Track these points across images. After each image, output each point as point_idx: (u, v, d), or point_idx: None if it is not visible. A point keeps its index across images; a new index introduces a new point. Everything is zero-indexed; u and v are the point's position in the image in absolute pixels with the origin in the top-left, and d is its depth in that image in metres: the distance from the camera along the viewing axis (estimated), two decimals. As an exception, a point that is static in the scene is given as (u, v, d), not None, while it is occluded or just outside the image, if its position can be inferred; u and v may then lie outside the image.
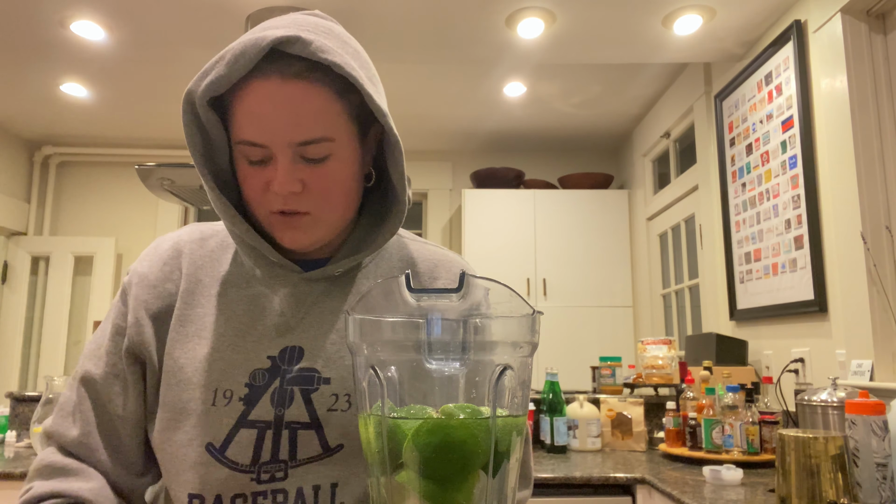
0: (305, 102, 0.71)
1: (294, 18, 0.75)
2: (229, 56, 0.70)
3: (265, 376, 0.77)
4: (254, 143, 0.73)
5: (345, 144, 0.76)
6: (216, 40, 2.88)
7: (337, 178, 0.76)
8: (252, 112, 0.72)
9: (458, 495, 0.53)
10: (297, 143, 0.72)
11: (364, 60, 0.78)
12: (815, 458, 1.39)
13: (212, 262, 0.85)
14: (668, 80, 3.68)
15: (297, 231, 0.77)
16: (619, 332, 4.19)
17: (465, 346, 0.52)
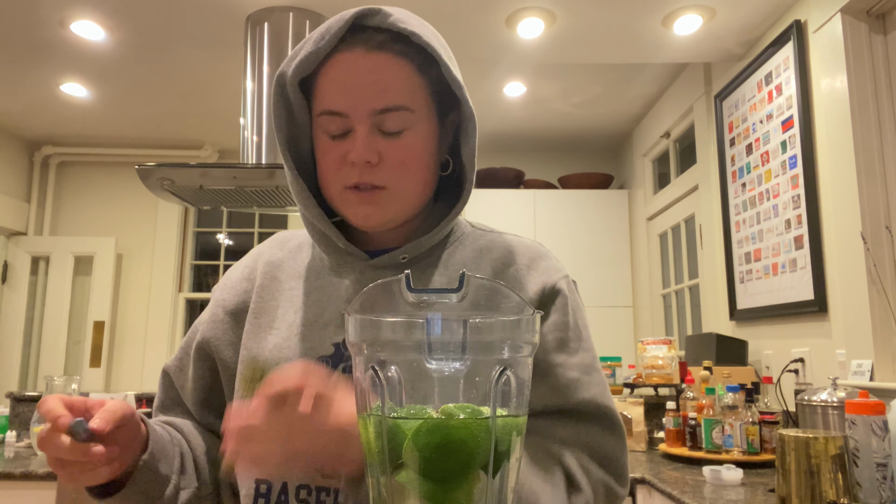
0: (387, 71, 0.74)
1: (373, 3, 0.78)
2: (316, 35, 0.74)
3: (329, 363, 0.78)
4: (335, 112, 0.75)
5: (423, 118, 0.77)
6: (216, 40, 2.88)
7: (414, 151, 0.76)
8: (336, 80, 0.74)
9: (458, 495, 0.53)
10: (377, 111, 0.74)
11: (442, 41, 0.79)
12: (815, 458, 1.39)
13: (289, 261, 0.88)
14: (668, 80, 3.68)
15: (371, 206, 0.77)
16: (619, 332, 4.19)
17: (464, 346, 0.52)
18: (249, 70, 2.67)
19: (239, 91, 3.80)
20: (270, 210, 2.93)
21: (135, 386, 4.58)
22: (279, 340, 0.81)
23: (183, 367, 0.88)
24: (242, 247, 5.03)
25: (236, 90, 3.78)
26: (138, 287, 4.74)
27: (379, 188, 0.76)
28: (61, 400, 0.64)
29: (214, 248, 5.04)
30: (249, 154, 2.62)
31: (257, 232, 4.99)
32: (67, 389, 2.45)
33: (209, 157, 4.74)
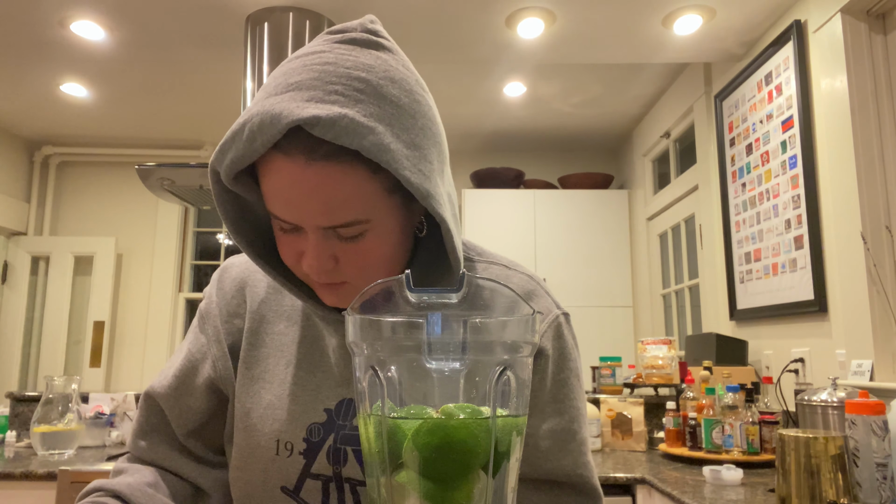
0: (334, 188, 0.63)
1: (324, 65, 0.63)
2: (247, 132, 0.62)
3: (321, 431, 0.77)
4: (282, 219, 0.67)
5: (383, 220, 0.67)
6: (216, 40, 2.88)
7: (374, 253, 0.69)
8: (278, 194, 0.64)
9: (458, 495, 0.53)
10: (326, 228, 0.66)
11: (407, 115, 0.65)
12: (815, 458, 1.39)
13: (273, 294, 0.83)
14: (668, 80, 3.68)
15: (336, 296, 0.72)
16: (619, 332, 4.19)
17: (464, 346, 0.52)
18: (249, 70, 2.67)
19: (239, 91, 3.80)
20: (270, 210, 2.93)
21: (135, 386, 4.58)
22: (272, 398, 0.79)
23: (180, 395, 0.82)
24: (242, 247, 5.02)
25: (236, 90, 3.78)
26: (138, 287, 4.74)
27: (341, 283, 0.71)
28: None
29: (214, 248, 5.04)
30: (249, 154, 2.62)
31: (257, 232, 4.98)
32: (67, 389, 2.45)
33: (209, 157, 4.74)
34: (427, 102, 0.68)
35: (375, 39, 0.67)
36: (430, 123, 0.68)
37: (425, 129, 0.66)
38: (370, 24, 0.68)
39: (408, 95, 0.65)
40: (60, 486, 2.00)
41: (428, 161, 0.66)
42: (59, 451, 2.35)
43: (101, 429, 2.58)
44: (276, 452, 0.77)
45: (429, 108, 0.68)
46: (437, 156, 0.68)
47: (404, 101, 0.64)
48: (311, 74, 0.63)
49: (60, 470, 2.02)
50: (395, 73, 0.65)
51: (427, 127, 0.67)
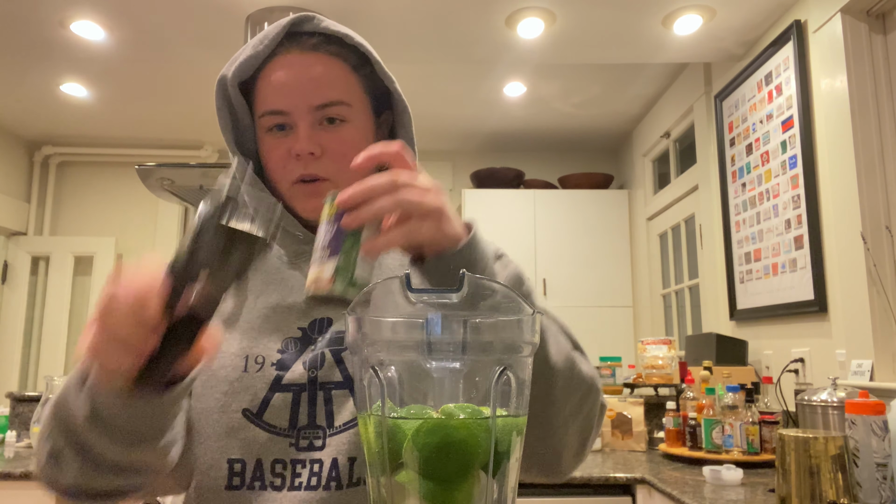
0: (323, 70, 0.79)
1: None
2: (255, 40, 0.80)
3: (297, 344, 0.80)
4: (277, 111, 0.79)
5: (360, 112, 0.81)
6: (216, 40, 2.88)
7: (353, 142, 0.80)
8: (276, 81, 0.79)
9: (458, 495, 0.53)
10: (316, 107, 0.78)
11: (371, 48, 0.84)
12: (815, 458, 1.39)
13: None
14: (668, 80, 3.68)
15: (317, 198, 0.75)
16: (619, 332, 4.19)
17: (465, 346, 0.52)
18: (249, 70, 2.67)
19: (239, 91, 3.79)
20: (270, 210, 2.92)
21: (135, 386, 4.57)
22: (242, 324, 0.82)
23: None
24: (242, 247, 5.03)
25: (236, 90, 3.78)
26: (138, 287, 4.73)
27: (323, 179, 0.80)
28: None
29: (214, 248, 5.03)
30: (249, 154, 2.62)
31: (257, 232, 4.98)
32: (67, 389, 2.45)
33: (209, 157, 4.74)
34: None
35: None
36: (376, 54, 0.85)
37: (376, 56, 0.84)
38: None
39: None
40: (60, 486, 2.00)
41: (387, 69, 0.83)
42: (59, 451, 2.34)
43: (101, 429, 2.57)
44: (245, 369, 0.78)
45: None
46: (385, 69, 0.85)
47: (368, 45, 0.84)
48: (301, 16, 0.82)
49: (60, 470, 2.02)
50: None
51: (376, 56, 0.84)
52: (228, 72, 0.81)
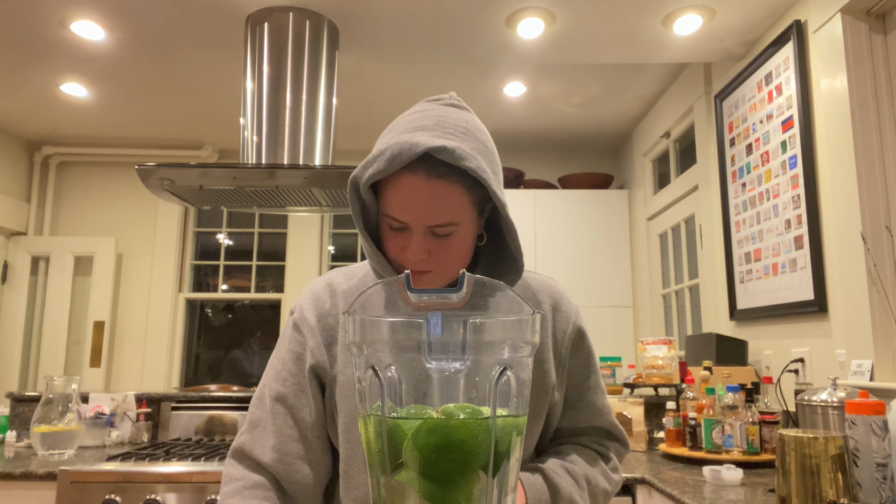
0: (443, 197, 0.88)
1: (437, 117, 0.90)
2: (388, 154, 0.86)
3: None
4: (397, 220, 0.91)
5: (467, 224, 0.92)
6: (216, 40, 2.88)
7: (457, 248, 0.93)
8: (400, 199, 0.89)
9: (458, 495, 0.53)
10: (429, 226, 0.90)
11: (491, 154, 0.93)
12: (815, 458, 1.39)
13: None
14: (668, 80, 3.67)
15: (421, 282, 0.95)
16: (619, 332, 4.19)
17: (464, 346, 0.52)
18: (249, 70, 2.67)
19: (239, 91, 3.80)
20: (270, 210, 2.93)
21: (135, 386, 4.58)
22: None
23: (303, 388, 1.01)
24: (242, 247, 5.04)
25: (236, 90, 3.78)
26: (138, 287, 4.74)
27: (427, 272, 0.93)
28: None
29: (214, 248, 5.04)
30: (249, 154, 2.62)
31: (257, 232, 4.99)
32: (67, 389, 2.45)
33: (209, 157, 4.74)
34: (493, 145, 0.96)
35: (462, 105, 0.96)
36: (498, 160, 0.96)
37: (498, 163, 0.95)
38: (455, 98, 0.98)
39: (488, 140, 0.94)
40: (60, 486, 2.00)
41: (501, 183, 0.94)
42: (59, 451, 2.35)
43: (101, 429, 2.58)
44: None
45: (495, 149, 0.96)
46: (501, 181, 0.96)
47: (488, 144, 0.94)
48: (431, 121, 0.90)
49: (60, 470, 2.02)
50: (479, 126, 0.95)
51: (497, 162, 0.95)
52: (362, 175, 0.90)
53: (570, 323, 1.07)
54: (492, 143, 0.95)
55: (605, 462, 1.09)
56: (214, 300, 5.01)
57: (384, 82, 3.70)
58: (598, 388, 1.10)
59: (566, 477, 1.00)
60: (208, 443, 2.57)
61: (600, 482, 1.05)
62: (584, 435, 1.11)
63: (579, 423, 1.09)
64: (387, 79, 3.66)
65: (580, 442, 1.11)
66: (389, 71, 3.55)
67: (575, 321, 1.08)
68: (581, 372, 1.09)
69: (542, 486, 0.98)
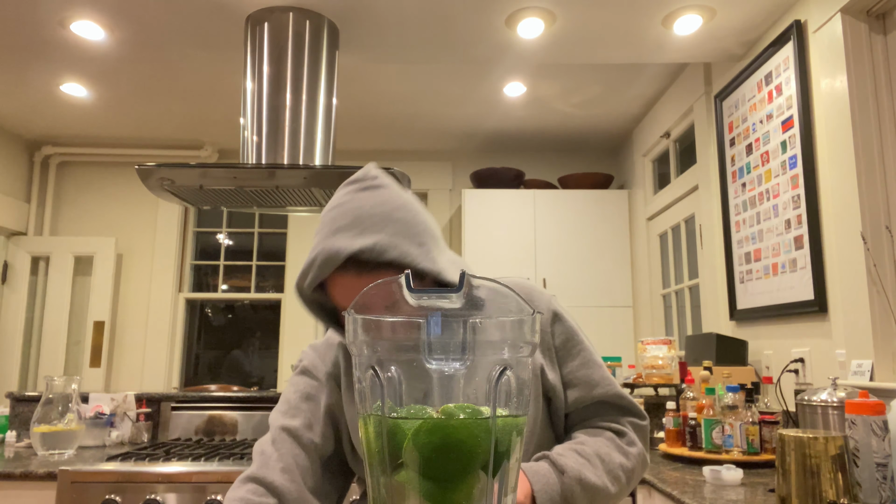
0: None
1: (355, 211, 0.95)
2: (317, 263, 0.94)
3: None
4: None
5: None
6: (216, 40, 2.88)
7: None
8: (341, 296, 0.97)
9: (458, 495, 0.53)
10: None
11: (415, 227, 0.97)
12: (815, 458, 1.39)
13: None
14: (668, 80, 3.67)
15: None
16: (619, 332, 4.19)
17: (465, 346, 0.52)
18: (249, 70, 2.67)
19: (239, 91, 3.80)
20: (270, 210, 2.93)
21: (135, 386, 4.58)
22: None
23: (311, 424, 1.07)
24: (242, 247, 5.04)
25: (236, 90, 3.78)
26: (138, 287, 4.74)
27: None
28: None
29: (214, 248, 5.04)
30: (249, 154, 2.62)
31: (257, 232, 4.99)
32: (67, 389, 2.45)
33: (209, 157, 4.74)
34: (418, 209, 1.00)
35: (378, 183, 1.00)
36: (424, 224, 0.99)
37: (423, 231, 0.98)
38: (371, 172, 1.02)
39: (408, 213, 0.98)
40: (60, 486, 2.00)
41: (430, 251, 0.96)
42: (59, 451, 2.35)
43: (101, 429, 2.57)
44: None
45: (420, 213, 0.99)
46: (433, 241, 0.99)
47: (408, 218, 0.97)
48: (348, 219, 0.95)
49: (60, 470, 2.02)
50: (397, 201, 0.99)
51: (424, 228, 0.98)
52: (302, 285, 0.98)
53: (544, 308, 1.11)
54: (414, 209, 0.99)
55: (619, 438, 1.08)
56: (214, 300, 5.01)
57: (384, 82, 3.70)
58: (590, 362, 1.10)
59: (573, 456, 0.99)
60: (208, 443, 2.57)
61: (615, 457, 1.03)
62: (595, 416, 1.11)
63: (581, 401, 1.09)
64: (387, 79, 3.66)
65: (593, 424, 1.11)
66: (389, 71, 3.55)
67: (549, 305, 1.11)
68: (567, 352, 1.10)
69: (546, 469, 0.97)
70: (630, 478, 1.04)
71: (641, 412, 1.12)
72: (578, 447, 1.02)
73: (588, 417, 1.11)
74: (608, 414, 1.11)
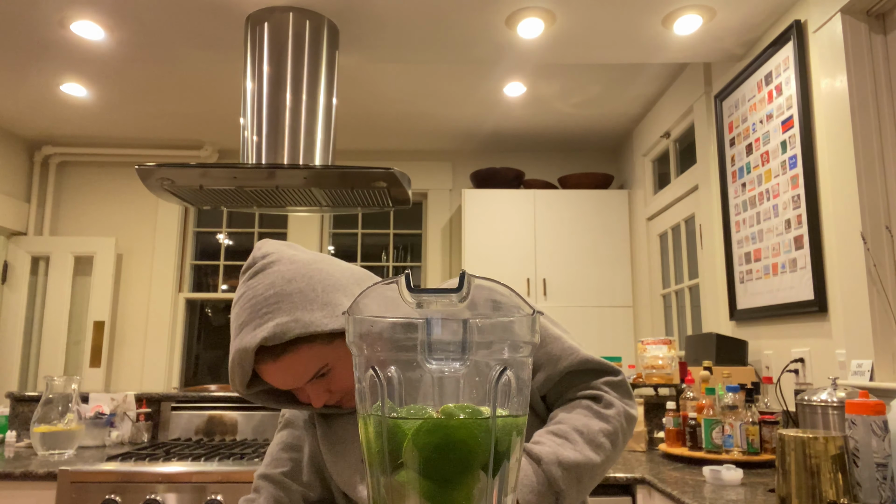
0: (298, 365, 0.94)
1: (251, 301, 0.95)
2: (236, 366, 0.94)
3: None
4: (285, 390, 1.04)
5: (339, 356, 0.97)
6: (216, 40, 2.88)
7: (347, 373, 0.99)
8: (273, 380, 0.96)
9: (458, 495, 0.53)
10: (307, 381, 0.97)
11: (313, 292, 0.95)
12: (815, 458, 1.39)
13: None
14: (668, 80, 3.67)
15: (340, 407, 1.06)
16: (619, 332, 4.19)
17: (465, 346, 0.52)
18: (249, 70, 2.67)
19: (239, 91, 3.80)
20: (270, 210, 2.93)
21: (135, 386, 4.58)
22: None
23: (294, 474, 1.10)
24: (242, 247, 5.04)
25: (236, 90, 3.78)
26: (138, 287, 4.74)
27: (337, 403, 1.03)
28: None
29: (214, 248, 5.04)
30: (249, 154, 2.62)
31: (257, 232, 4.99)
32: (67, 389, 2.45)
33: (209, 157, 4.74)
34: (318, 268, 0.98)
35: (266, 262, 0.99)
36: (325, 278, 0.97)
37: (326, 288, 0.96)
38: (259, 252, 1.01)
39: (302, 279, 0.96)
40: (60, 486, 2.00)
41: (338, 305, 0.95)
42: (59, 451, 2.35)
43: (101, 429, 2.58)
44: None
45: (318, 270, 0.98)
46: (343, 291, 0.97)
47: (303, 286, 0.95)
48: (247, 312, 0.95)
49: (60, 470, 2.02)
50: (288, 273, 0.97)
51: (326, 285, 0.96)
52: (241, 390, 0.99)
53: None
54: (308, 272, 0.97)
55: (596, 403, 1.04)
56: (214, 300, 5.01)
57: (384, 82, 3.70)
58: (547, 339, 1.07)
59: (549, 439, 0.97)
60: (208, 443, 2.57)
61: (594, 425, 1.00)
62: (569, 388, 1.07)
63: (551, 379, 1.06)
64: (387, 79, 3.66)
65: (568, 398, 1.07)
66: (389, 71, 3.55)
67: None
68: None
69: (522, 464, 0.95)
70: (615, 440, 1.01)
71: (613, 368, 1.08)
72: (555, 427, 1.00)
73: (562, 392, 1.08)
74: (580, 381, 1.07)
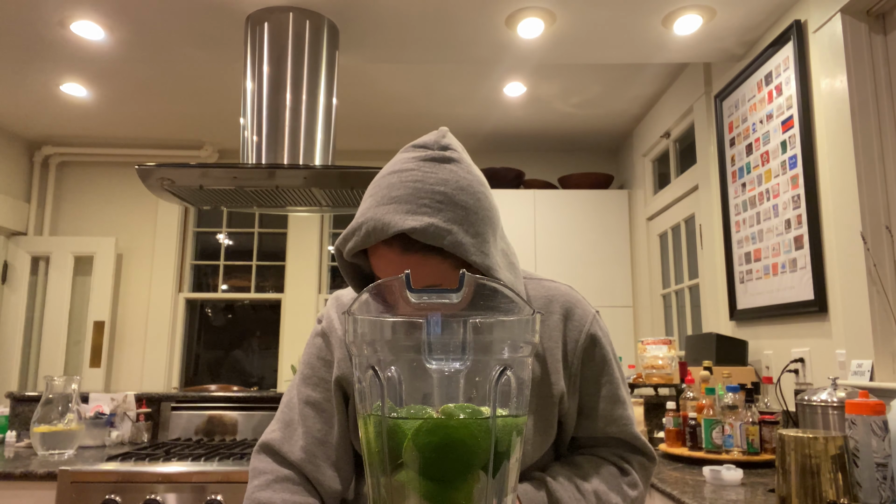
0: (420, 269, 0.88)
1: (414, 183, 0.88)
2: (364, 231, 0.88)
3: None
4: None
5: (450, 281, 0.90)
6: (216, 40, 2.88)
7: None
8: (381, 268, 0.91)
9: (458, 495, 0.53)
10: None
11: (473, 213, 0.89)
12: (815, 458, 1.39)
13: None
14: (668, 80, 3.67)
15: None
16: (619, 332, 4.19)
17: (465, 346, 0.52)
18: (249, 70, 2.67)
19: (239, 91, 3.80)
20: (270, 210, 2.93)
21: (134, 386, 4.58)
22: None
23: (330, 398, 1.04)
24: (242, 247, 5.04)
25: (236, 90, 3.78)
26: (138, 287, 4.74)
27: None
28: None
29: (214, 248, 5.04)
30: (249, 154, 2.62)
31: (257, 232, 4.99)
32: (67, 389, 2.45)
33: (209, 157, 4.74)
34: (482, 193, 0.92)
35: (447, 155, 0.92)
36: (487, 211, 0.92)
37: (484, 219, 0.90)
38: (443, 140, 0.94)
39: (470, 197, 0.90)
40: (60, 486, 2.00)
41: (486, 242, 0.89)
42: (59, 451, 2.35)
43: (101, 429, 2.58)
44: None
45: (483, 198, 0.92)
46: (491, 230, 0.91)
47: (470, 203, 0.89)
48: (406, 191, 0.88)
49: (60, 470, 2.02)
50: (463, 181, 0.90)
51: (483, 216, 0.90)
52: (343, 248, 0.93)
53: (581, 332, 1.06)
54: (477, 192, 0.91)
55: (622, 475, 1.04)
56: (214, 300, 5.01)
57: (384, 82, 3.70)
58: (614, 398, 1.07)
59: (571, 490, 0.98)
60: (208, 443, 2.57)
61: (612, 498, 1.00)
62: (603, 446, 1.08)
63: (594, 432, 1.06)
64: (387, 79, 3.66)
65: (599, 454, 1.07)
66: (389, 71, 3.55)
67: (589, 329, 1.07)
68: (594, 381, 1.07)
69: (542, 501, 0.96)
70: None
71: (652, 453, 1.09)
72: (578, 481, 1.00)
73: (597, 444, 1.08)
74: (619, 447, 1.07)
